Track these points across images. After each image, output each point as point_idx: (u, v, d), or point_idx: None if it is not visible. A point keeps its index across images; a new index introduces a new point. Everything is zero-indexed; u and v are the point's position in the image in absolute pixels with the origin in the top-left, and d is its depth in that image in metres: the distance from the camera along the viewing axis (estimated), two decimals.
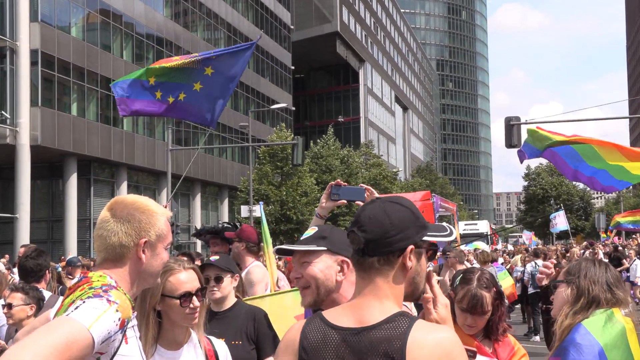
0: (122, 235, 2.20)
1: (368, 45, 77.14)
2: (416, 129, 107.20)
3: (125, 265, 2.22)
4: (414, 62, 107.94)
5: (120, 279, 2.19)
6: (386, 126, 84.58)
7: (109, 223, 2.22)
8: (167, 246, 2.31)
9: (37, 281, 5.29)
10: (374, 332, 1.86)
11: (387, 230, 1.90)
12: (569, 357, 2.72)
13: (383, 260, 1.91)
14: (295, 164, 29.39)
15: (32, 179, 32.39)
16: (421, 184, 67.91)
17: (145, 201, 2.30)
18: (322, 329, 1.93)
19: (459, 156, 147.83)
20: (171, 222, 2.37)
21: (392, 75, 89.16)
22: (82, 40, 35.20)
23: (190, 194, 45.09)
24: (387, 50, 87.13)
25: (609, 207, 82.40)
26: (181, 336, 2.91)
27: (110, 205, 2.28)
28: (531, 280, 15.54)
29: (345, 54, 69.22)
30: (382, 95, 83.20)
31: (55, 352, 1.79)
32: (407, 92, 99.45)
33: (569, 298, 2.96)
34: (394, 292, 1.93)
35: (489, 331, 3.37)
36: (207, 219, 46.30)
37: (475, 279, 3.35)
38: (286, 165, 39.53)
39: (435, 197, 25.27)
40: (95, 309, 1.95)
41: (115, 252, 2.21)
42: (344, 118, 70.92)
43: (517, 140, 23.18)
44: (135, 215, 2.23)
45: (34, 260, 5.36)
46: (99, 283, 2.10)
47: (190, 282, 2.89)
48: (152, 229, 2.24)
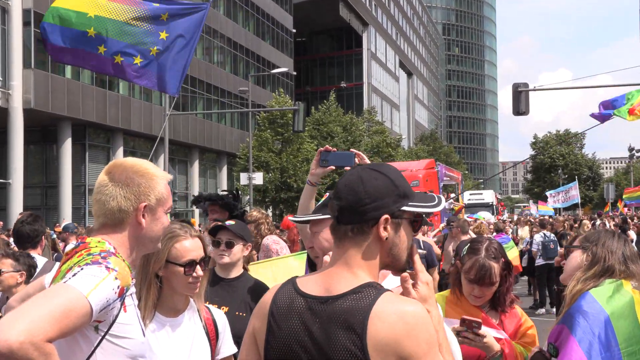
0: (121, 199, 2.17)
1: (372, 8, 75.91)
2: (421, 95, 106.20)
3: (124, 230, 2.19)
4: (419, 26, 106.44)
5: (119, 245, 2.16)
6: (390, 92, 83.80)
7: (107, 187, 2.18)
8: (168, 210, 2.28)
9: (33, 247, 5.31)
10: (339, 302, 1.83)
11: (361, 198, 1.87)
12: (575, 324, 2.70)
13: (356, 229, 1.88)
14: (296, 131, 28.89)
15: (25, 144, 32.00)
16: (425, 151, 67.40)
17: (144, 164, 2.25)
18: (291, 295, 1.92)
19: (464, 124, 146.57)
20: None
21: (396, 39, 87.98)
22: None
23: (188, 161, 44.72)
24: (391, 13, 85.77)
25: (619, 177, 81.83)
26: (180, 304, 2.89)
27: (108, 169, 2.23)
28: (540, 252, 15.05)
29: (348, 17, 68.16)
30: (386, 61, 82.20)
31: (52, 320, 1.78)
32: (411, 57, 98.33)
33: (582, 263, 2.95)
34: (368, 262, 1.89)
35: (495, 302, 3.33)
36: (206, 187, 45.95)
37: (483, 249, 3.30)
38: (287, 132, 38.93)
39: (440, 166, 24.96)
40: (94, 276, 1.94)
41: (114, 216, 2.18)
42: (347, 84, 70.19)
43: (525, 107, 22.96)
44: (134, 179, 2.19)
45: (30, 225, 5.35)
46: (97, 249, 2.07)
47: (195, 250, 2.86)
48: (152, 192, 2.20)
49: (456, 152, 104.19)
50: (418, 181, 22.30)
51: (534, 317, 12.88)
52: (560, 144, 72.18)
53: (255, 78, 50.06)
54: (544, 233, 15.27)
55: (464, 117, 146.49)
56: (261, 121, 40.42)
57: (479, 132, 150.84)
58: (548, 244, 14.82)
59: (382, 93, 79.27)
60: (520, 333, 3.32)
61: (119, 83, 37.31)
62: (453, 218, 12.05)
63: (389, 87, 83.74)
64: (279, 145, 39.70)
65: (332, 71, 73.84)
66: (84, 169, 35.92)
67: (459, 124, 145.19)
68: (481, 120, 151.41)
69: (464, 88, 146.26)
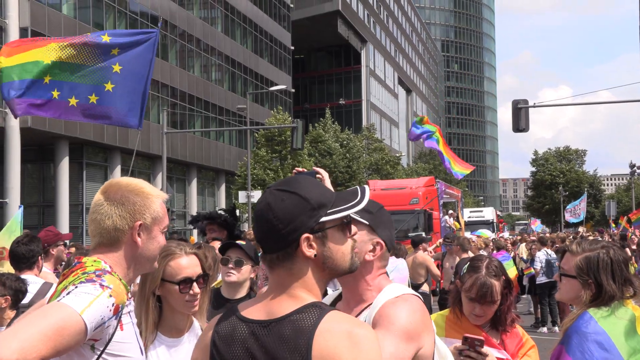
0: (116, 218, 2.16)
1: (370, 25, 76.09)
2: (420, 112, 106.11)
3: (120, 249, 2.17)
4: (418, 42, 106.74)
5: (115, 264, 2.15)
6: (389, 109, 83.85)
7: (103, 206, 2.18)
8: (164, 229, 2.26)
9: (29, 268, 5.22)
10: (282, 324, 1.77)
11: (274, 225, 1.81)
12: (571, 344, 2.65)
13: (281, 255, 1.83)
14: (295, 148, 28.64)
15: (22, 163, 31.82)
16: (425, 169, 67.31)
17: (139, 183, 2.25)
18: (233, 322, 1.86)
19: (464, 141, 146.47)
20: (167, 207, 2.32)
21: (395, 56, 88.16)
22: (74, 18, 34.64)
23: (186, 179, 44.52)
24: (390, 30, 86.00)
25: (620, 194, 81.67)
26: (182, 323, 2.85)
27: (103, 189, 2.23)
28: (543, 269, 14.93)
29: (347, 34, 68.33)
30: (385, 77, 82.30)
31: (45, 339, 1.76)
32: (410, 74, 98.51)
33: (582, 298, 2.84)
34: (305, 282, 1.84)
35: (496, 322, 3.27)
36: (204, 205, 45.77)
37: (483, 267, 3.26)
38: (284, 149, 38.74)
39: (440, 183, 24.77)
40: (88, 293, 1.92)
41: (109, 235, 2.16)
42: (345, 101, 70.26)
43: (525, 124, 23.01)
44: (129, 198, 2.18)
45: (26, 246, 5.24)
46: (92, 268, 2.06)
47: (190, 268, 2.82)
48: (147, 211, 2.19)
49: None
50: (418, 199, 22.09)
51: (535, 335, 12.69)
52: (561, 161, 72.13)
53: (254, 95, 50.05)
54: (546, 251, 15.13)
55: (463, 134, 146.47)
56: (259, 139, 40.28)
57: (479, 149, 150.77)
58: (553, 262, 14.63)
59: (381, 110, 79.27)
60: (522, 353, 3.24)
61: None
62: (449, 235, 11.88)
63: (388, 104, 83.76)
64: (277, 162, 39.54)
65: (331, 88, 73.97)
66: (81, 188, 35.77)
67: (459, 140, 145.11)
68: (481, 137, 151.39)
69: (463, 105, 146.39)
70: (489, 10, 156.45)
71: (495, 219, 42.67)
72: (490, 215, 41.33)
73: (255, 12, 52.64)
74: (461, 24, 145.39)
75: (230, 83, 49.25)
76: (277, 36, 56.62)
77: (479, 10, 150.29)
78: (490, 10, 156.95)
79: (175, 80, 42.12)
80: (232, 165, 45.21)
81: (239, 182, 39.56)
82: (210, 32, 46.14)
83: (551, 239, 17.98)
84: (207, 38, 45.71)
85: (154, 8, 40.39)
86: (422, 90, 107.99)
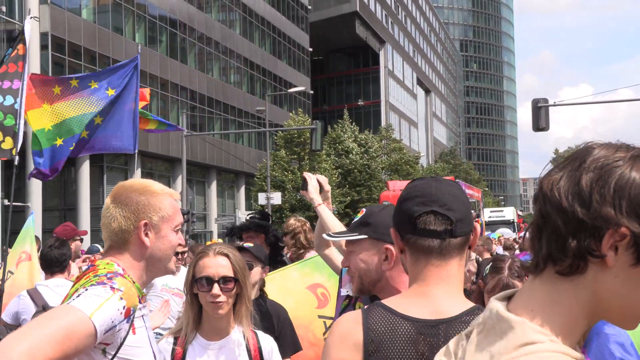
0: (121, 219, 2.14)
1: (389, 25, 75.88)
2: (439, 112, 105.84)
3: (129, 250, 2.14)
4: (437, 42, 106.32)
5: (128, 267, 2.12)
6: (408, 110, 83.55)
7: (109, 209, 2.17)
8: (176, 227, 2.20)
9: (61, 271, 5.32)
10: (453, 325, 1.73)
11: (468, 208, 1.85)
12: (592, 345, 2.62)
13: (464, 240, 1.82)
14: (314, 150, 28.62)
15: None
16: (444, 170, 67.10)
17: (146, 183, 2.22)
18: (391, 320, 1.75)
19: (484, 140, 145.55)
20: (186, 210, 3.16)
21: (413, 56, 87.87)
22: (94, 22, 34.80)
23: (206, 181, 44.62)
24: (408, 30, 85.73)
25: None
26: (221, 326, 2.84)
27: (112, 192, 2.23)
28: None
29: (365, 34, 68.17)
30: (404, 78, 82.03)
31: (53, 342, 1.73)
32: (429, 74, 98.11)
33: None
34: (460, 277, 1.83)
35: None
36: (224, 207, 45.81)
37: (506, 268, 3.25)
38: (303, 151, 38.73)
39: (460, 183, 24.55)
40: (98, 296, 1.89)
41: (117, 238, 2.15)
42: (364, 102, 70.13)
43: (545, 123, 22.78)
44: (132, 198, 2.16)
45: (58, 250, 5.34)
46: (104, 270, 2.04)
47: (213, 268, 2.80)
48: (152, 209, 2.15)
49: (476, 169, 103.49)
50: None
51: None
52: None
53: (272, 97, 50.10)
54: None
55: (483, 134, 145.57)
56: (278, 140, 40.30)
57: (499, 148, 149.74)
58: None
59: (399, 111, 79.03)
60: None
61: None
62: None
63: (407, 105, 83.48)
64: (296, 164, 39.54)
65: (350, 89, 73.83)
66: (101, 192, 35.87)
67: (478, 140, 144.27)
68: (501, 137, 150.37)
69: (482, 104, 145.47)
70: (508, 9, 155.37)
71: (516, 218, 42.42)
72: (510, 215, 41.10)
73: (273, 14, 52.73)
74: (480, 23, 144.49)
75: (249, 85, 49.34)
76: (295, 38, 56.65)
77: (498, 9, 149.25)
78: (509, 10, 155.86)
79: (195, 83, 42.29)
80: (252, 167, 45.29)
81: (259, 184, 39.61)
82: (228, 34, 46.27)
83: None
84: (226, 41, 45.84)
85: (172, 12, 40.57)
86: (441, 90, 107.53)
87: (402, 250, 1.85)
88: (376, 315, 1.77)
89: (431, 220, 1.78)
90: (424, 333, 1.72)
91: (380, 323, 1.75)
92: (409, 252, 1.83)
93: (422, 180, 1.88)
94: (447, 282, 1.78)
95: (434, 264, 1.78)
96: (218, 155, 44.13)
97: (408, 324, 1.74)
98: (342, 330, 1.80)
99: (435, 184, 1.85)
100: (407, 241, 1.82)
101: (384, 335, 1.74)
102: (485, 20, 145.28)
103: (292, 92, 42.52)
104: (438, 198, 1.80)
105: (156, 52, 39.18)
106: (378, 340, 1.73)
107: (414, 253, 1.81)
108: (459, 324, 1.72)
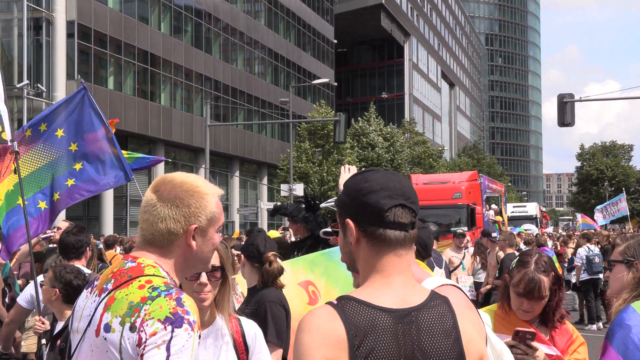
0: (170, 221, 2.03)
1: (414, 18, 75.48)
2: (463, 106, 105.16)
3: (173, 252, 2.06)
4: (462, 36, 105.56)
5: (170, 269, 2.06)
6: (432, 103, 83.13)
7: (156, 207, 2.05)
8: (219, 228, 2.14)
9: (77, 258, 5.34)
10: (423, 312, 1.79)
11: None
12: (615, 336, 2.59)
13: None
14: (337, 142, 28.59)
15: None
16: (468, 164, 66.71)
17: (194, 182, 2.10)
18: (368, 312, 1.76)
19: (507, 135, 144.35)
20: None
21: (438, 50, 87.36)
22: (120, 11, 34.96)
23: (229, 172, 44.75)
24: (433, 23, 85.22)
25: None
26: (204, 316, 2.74)
27: (156, 186, 2.09)
28: (584, 266, 14.74)
29: (390, 27, 67.87)
30: (428, 71, 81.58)
31: None
32: (454, 68, 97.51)
33: (628, 282, 2.80)
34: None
35: (545, 318, 3.26)
36: (246, 198, 45.95)
37: (532, 262, 3.23)
38: (327, 143, 38.69)
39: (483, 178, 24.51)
40: (186, 348, 1.87)
41: (163, 239, 2.05)
42: (388, 94, 69.86)
43: (571, 119, 22.61)
44: (183, 199, 2.05)
45: (75, 236, 5.37)
46: (159, 281, 1.95)
47: None
48: (202, 213, 2.06)
49: (499, 163, 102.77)
50: (460, 193, 21.82)
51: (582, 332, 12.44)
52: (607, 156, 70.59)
53: (296, 89, 50.09)
54: (588, 247, 14.92)
55: (507, 129, 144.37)
56: (302, 132, 40.30)
57: (523, 143, 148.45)
58: (593, 258, 14.57)
59: (423, 104, 78.64)
60: (572, 350, 3.23)
61: (160, 94, 37.59)
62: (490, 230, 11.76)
63: (431, 98, 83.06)
64: (320, 156, 39.51)
65: (373, 82, 73.57)
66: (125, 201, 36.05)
67: (502, 135, 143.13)
68: (525, 132, 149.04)
69: (507, 99, 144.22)
70: (535, 3, 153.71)
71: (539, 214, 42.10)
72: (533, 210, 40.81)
73: (298, 6, 52.66)
74: (506, 17, 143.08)
75: (273, 76, 49.36)
76: (320, 29, 56.55)
77: (524, 3, 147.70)
78: (535, 4, 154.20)
79: (219, 74, 42.39)
80: (275, 159, 45.33)
81: (281, 175, 39.64)
82: (253, 25, 46.30)
83: (596, 235, 17.68)
84: (251, 31, 45.88)
85: (198, 2, 40.68)
86: (465, 84, 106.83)
87: (357, 240, 1.86)
88: (352, 309, 1.77)
89: (400, 213, 1.83)
90: (401, 322, 1.77)
91: (359, 317, 1.76)
92: (369, 243, 1.84)
93: (377, 172, 1.90)
94: (407, 271, 1.84)
95: (398, 254, 1.83)
96: (241, 146, 44.24)
97: (385, 315, 1.77)
98: (320, 327, 1.75)
99: (394, 177, 1.89)
100: (369, 233, 1.84)
101: (366, 329, 1.75)
102: (511, 14, 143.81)
103: (316, 83, 42.41)
104: (403, 192, 1.85)
105: (181, 41, 39.32)
106: (362, 334, 1.74)
107: (376, 244, 1.83)
108: (428, 310, 1.78)
